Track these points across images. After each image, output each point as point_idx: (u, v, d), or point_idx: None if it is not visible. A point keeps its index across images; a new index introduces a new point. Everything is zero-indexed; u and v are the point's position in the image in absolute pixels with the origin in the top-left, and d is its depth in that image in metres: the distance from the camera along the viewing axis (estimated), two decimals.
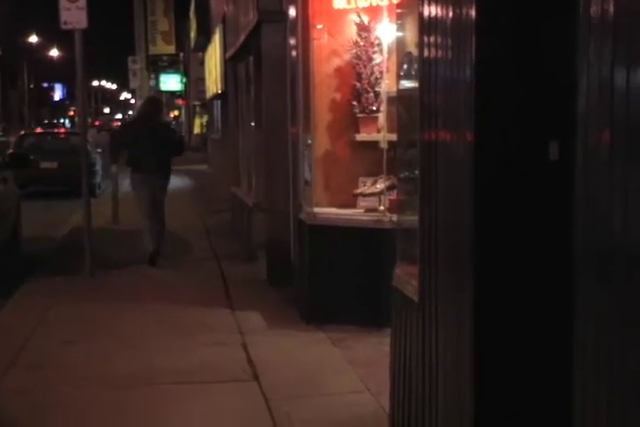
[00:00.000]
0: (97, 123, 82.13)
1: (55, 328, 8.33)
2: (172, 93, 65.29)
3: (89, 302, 9.41)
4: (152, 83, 46.73)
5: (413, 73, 5.12)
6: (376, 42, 8.02)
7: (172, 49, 42.43)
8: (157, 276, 10.89)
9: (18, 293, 9.96)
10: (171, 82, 54.65)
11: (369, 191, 8.03)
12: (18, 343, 7.73)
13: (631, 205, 2.73)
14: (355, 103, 8.21)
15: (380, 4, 7.77)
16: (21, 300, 9.67)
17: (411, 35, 5.32)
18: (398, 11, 6.40)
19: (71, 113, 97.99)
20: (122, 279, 10.69)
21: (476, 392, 3.90)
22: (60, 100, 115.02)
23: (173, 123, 55.73)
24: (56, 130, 32.35)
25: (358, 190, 8.13)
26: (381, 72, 7.96)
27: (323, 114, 8.36)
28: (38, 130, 29.27)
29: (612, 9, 2.77)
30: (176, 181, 25.59)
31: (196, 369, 6.89)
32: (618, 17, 2.75)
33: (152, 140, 11.44)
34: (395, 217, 6.24)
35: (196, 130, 48.74)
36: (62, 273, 10.97)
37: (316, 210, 8.17)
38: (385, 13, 7.64)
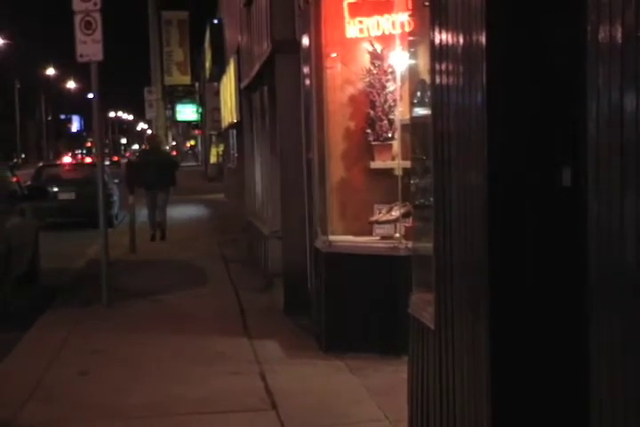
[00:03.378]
0: (127, 154, 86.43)
1: (73, 359, 8.33)
2: (189, 123, 65.64)
3: (106, 332, 9.42)
4: (168, 113, 47.03)
5: (426, 100, 5.14)
6: (389, 70, 8.05)
7: (187, 79, 42.73)
8: (174, 305, 10.90)
9: (36, 323, 9.98)
10: (187, 112, 55.01)
11: (384, 219, 8.03)
12: (36, 374, 7.73)
13: None
14: (369, 131, 8.23)
15: (393, 32, 7.81)
16: (40, 331, 9.69)
17: (423, 62, 5.35)
18: (410, 39, 6.45)
19: (89, 144, 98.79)
20: (139, 309, 10.70)
21: (493, 419, 3.88)
22: (78, 131, 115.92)
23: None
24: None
25: (374, 218, 8.13)
26: (395, 100, 7.98)
27: (337, 142, 8.38)
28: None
29: (619, 35, 2.78)
30: (193, 210, 25.82)
31: (213, 399, 6.87)
32: (626, 43, 2.75)
33: (152, 165, 17.31)
34: (410, 244, 6.24)
35: (213, 159, 48.89)
36: (80, 304, 10.98)
37: (332, 238, 8.17)
38: (397, 42, 7.68)
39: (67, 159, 31.90)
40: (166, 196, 17.87)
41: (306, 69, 8.85)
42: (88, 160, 31.87)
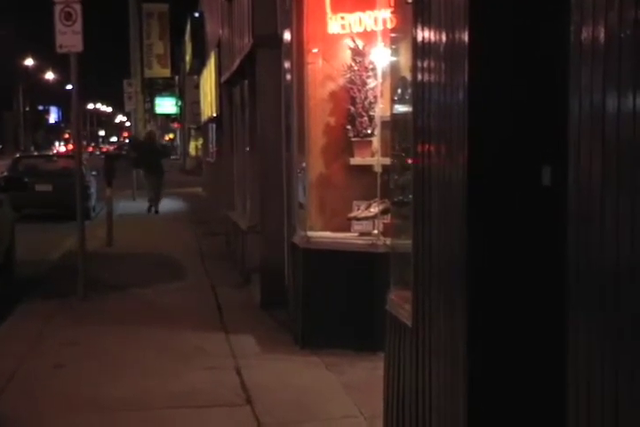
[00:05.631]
0: (104, 149, 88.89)
1: (48, 352, 8.29)
2: (168, 116, 65.37)
3: (82, 325, 9.37)
4: (147, 106, 46.82)
5: (407, 97, 5.14)
6: (370, 66, 8.05)
7: (167, 72, 42.52)
8: (150, 299, 10.86)
9: (11, 316, 9.93)
10: (166, 105, 54.79)
11: (363, 215, 8.03)
12: (11, 366, 7.69)
13: (621, 231, 2.73)
14: (349, 127, 8.23)
15: (375, 28, 7.80)
16: (15, 323, 9.64)
17: (405, 59, 5.35)
18: (392, 35, 6.45)
19: (66, 136, 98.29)
20: (115, 303, 10.65)
21: (469, 417, 3.89)
22: (56, 122, 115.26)
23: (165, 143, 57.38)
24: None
25: (352, 214, 8.13)
26: (375, 96, 7.98)
27: (317, 138, 8.38)
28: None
29: (602, 36, 2.79)
30: (171, 204, 25.72)
31: (189, 393, 6.86)
32: (608, 44, 2.76)
33: (151, 154, 22.83)
34: (389, 241, 6.24)
35: (192, 153, 48.74)
36: (56, 296, 10.92)
37: (310, 234, 8.16)
38: (379, 38, 7.67)
39: (62, 149, 31.71)
40: (159, 179, 22.79)
41: (287, 64, 8.84)
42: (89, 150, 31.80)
